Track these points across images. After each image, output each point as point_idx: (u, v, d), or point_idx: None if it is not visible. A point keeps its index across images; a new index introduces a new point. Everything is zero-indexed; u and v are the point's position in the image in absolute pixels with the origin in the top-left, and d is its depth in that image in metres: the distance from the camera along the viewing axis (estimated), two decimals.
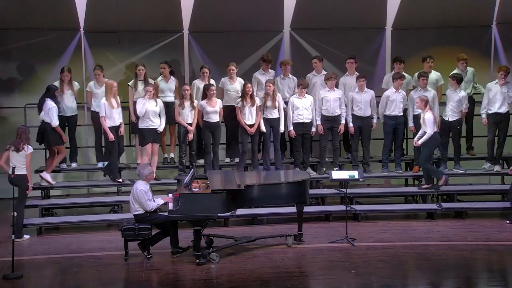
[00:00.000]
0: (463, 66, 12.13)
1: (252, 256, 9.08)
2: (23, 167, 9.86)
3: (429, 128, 10.93)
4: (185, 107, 11.39)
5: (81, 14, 12.56)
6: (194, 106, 11.43)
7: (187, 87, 11.42)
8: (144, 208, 8.93)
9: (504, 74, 11.63)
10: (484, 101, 11.83)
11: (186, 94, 11.36)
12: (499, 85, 11.68)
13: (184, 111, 11.40)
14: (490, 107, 11.77)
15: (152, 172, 9.36)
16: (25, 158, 9.89)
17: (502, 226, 10.51)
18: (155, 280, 8.34)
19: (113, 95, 11.21)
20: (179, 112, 11.42)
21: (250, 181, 9.36)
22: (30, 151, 9.96)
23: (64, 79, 11.57)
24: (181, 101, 11.42)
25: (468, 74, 12.13)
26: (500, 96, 11.67)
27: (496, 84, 11.74)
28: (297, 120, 11.65)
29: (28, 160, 9.91)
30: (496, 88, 11.72)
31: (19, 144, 9.88)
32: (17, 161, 9.79)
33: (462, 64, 12.11)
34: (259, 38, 13.14)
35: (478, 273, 8.67)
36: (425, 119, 10.97)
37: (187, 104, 11.39)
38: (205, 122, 11.51)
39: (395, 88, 11.74)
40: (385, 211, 11.23)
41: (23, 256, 9.03)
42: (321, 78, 12.03)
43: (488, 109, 11.77)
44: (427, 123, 10.94)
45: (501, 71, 11.68)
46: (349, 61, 12.10)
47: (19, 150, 9.87)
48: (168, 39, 13.05)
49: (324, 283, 8.28)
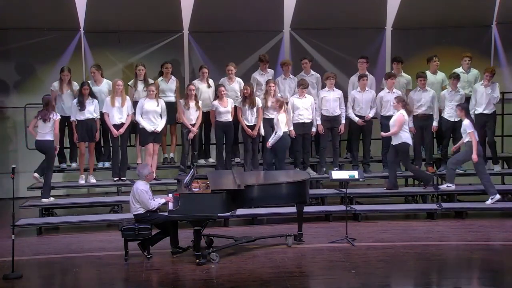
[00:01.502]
0: (466, 66, 12.13)
1: (252, 256, 9.07)
2: (51, 133, 10.80)
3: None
4: (190, 107, 11.41)
5: (81, 14, 12.55)
6: (199, 106, 11.45)
7: (192, 87, 11.43)
8: (146, 207, 8.92)
9: (489, 75, 11.62)
10: (472, 102, 11.83)
11: (191, 94, 11.37)
12: (483, 86, 11.68)
13: (189, 111, 11.41)
14: (476, 108, 11.78)
15: (151, 172, 9.37)
16: (53, 125, 10.80)
17: (502, 226, 10.51)
18: (155, 280, 8.34)
19: (117, 93, 11.23)
20: (184, 112, 11.43)
21: (250, 181, 9.35)
22: (57, 118, 10.88)
23: (64, 79, 11.57)
24: (186, 101, 11.43)
25: (469, 75, 12.12)
26: (486, 97, 11.67)
27: (482, 85, 11.74)
28: (297, 120, 11.66)
29: (56, 126, 10.83)
30: (481, 89, 11.73)
31: (46, 115, 10.77)
32: (44, 129, 10.81)
33: (465, 63, 12.10)
34: (259, 38, 13.13)
35: (478, 273, 8.66)
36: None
37: (192, 104, 11.40)
38: (218, 122, 11.56)
39: (388, 88, 11.75)
40: (385, 211, 11.23)
41: (23, 256, 9.02)
42: (310, 79, 12.04)
43: (475, 110, 11.78)
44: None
45: (486, 72, 11.68)
46: (360, 60, 12.08)
47: (45, 121, 10.77)
48: (168, 39, 13.05)
49: (324, 283, 8.28)
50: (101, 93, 11.61)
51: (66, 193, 12.51)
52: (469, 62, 12.15)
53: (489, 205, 10.97)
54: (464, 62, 12.15)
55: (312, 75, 12.19)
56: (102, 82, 11.74)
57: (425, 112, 11.79)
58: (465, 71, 12.11)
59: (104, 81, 11.79)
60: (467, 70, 12.14)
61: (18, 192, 11.36)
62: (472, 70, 12.24)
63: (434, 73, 12.15)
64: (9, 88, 12.84)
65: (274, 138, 11.07)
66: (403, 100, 11.19)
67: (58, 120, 10.89)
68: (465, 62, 12.14)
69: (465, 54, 12.16)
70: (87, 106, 11.27)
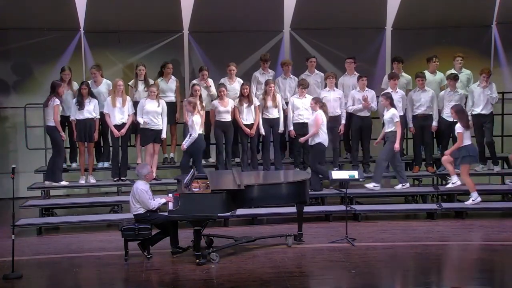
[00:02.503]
0: (458, 66, 12.14)
1: (252, 256, 9.07)
2: (52, 119, 11.00)
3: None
4: None
5: (81, 14, 12.56)
6: (203, 106, 11.45)
7: (197, 88, 11.42)
8: (146, 206, 8.92)
9: (486, 76, 11.63)
10: (469, 103, 11.83)
11: (196, 94, 11.37)
12: (481, 87, 11.68)
13: None
14: (474, 109, 11.79)
15: (151, 172, 9.34)
16: (53, 110, 10.94)
17: (502, 226, 10.50)
18: (155, 280, 8.34)
19: (118, 93, 11.24)
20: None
21: (250, 181, 9.35)
22: (55, 103, 10.94)
23: (65, 78, 11.57)
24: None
25: (461, 75, 12.09)
26: (483, 98, 11.68)
27: (478, 86, 11.74)
28: (297, 120, 11.67)
29: (55, 112, 10.95)
30: (478, 90, 11.73)
31: (48, 100, 11.02)
32: (47, 114, 11.07)
33: (458, 63, 12.11)
34: (259, 38, 13.14)
35: (478, 273, 8.65)
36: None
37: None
38: (217, 122, 11.56)
39: (391, 87, 11.75)
40: (385, 211, 11.23)
41: (23, 256, 9.02)
42: (314, 78, 12.06)
43: (473, 111, 11.79)
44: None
45: (483, 73, 11.68)
46: (348, 61, 12.13)
47: (47, 106, 11.01)
48: (168, 39, 13.06)
49: (324, 283, 8.27)
50: (100, 94, 11.60)
51: (66, 193, 12.51)
52: (462, 62, 12.15)
53: (399, 190, 11.42)
54: (457, 62, 12.15)
55: (316, 74, 12.20)
56: (101, 82, 11.73)
57: (425, 112, 11.80)
58: (457, 71, 12.09)
59: (104, 81, 11.79)
60: (459, 71, 12.13)
61: (18, 192, 11.36)
62: (464, 70, 12.22)
63: (433, 73, 12.15)
64: (9, 88, 12.85)
65: (189, 140, 10.89)
66: (320, 101, 11.18)
67: (57, 106, 10.98)
68: (457, 62, 12.14)
69: (457, 54, 12.16)
70: (86, 105, 11.27)
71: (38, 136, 12.41)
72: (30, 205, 11.02)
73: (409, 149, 12.56)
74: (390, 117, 11.08)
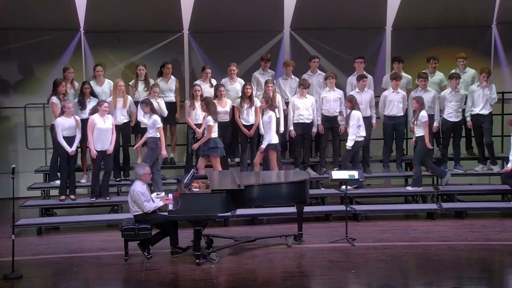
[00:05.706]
0: (461, 66, 12.13)
1: (252, 256, 9.07)
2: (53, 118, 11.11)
3: None
4: (196, 108, 11.40)
5: (81, 14, 12.55)
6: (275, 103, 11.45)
7: (198, 88, 11.42)
8: (141, 209, 8.92)
9: (486, 76, 11.63)
10: (468, 103, 11.83)
11: (197, 95, 11.36)
12: (481, 87, 11.68)
13: (195, 112, 11.40)
14: (473, 109, 11.78)
15: (147, 173, 9.29)
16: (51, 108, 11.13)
17: (502, 226, 10.50)
18: (155, 280, 8.33)
19: (118, 93, 11.23)
20: (189, 112, 11.42)
21: (250, 181, 9.35)
22: (52, 101, 11.07)
23: (69, 77, 11.55)
24: (192, 102, 11.43)
25: (466, 75, 12.11)
26: (483, 98, 11.67)
27: (478, 86, 11.74)
28: (298, 120, 11.67)
29: (53, 110, 11.08)
30: (478, 90, 11.72)
31: (48, 99, 11.24)
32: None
33: (460, 64, 12.11)
34: (259, 38, 13.13)
35: (478, 273, 8.66)
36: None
37: (197, 104, 11.39)
38: None
39: (393, 88, 11.75)
40: (385, 211, 11.23)
41: (23, 256, 9.03)
42: (317, 78, 12.06)
43: (472, 111, 11.78)
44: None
45: (483, 73, 11.68)
46: (357, 60, 12.09)
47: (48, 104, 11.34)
48: (168, 39, 13.05)
49: (324, 283, 8.28)
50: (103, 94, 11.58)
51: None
52: (464, 62, 12.15)
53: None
54: (459, 63, 12.15)
55: (319, 74, 12.18)
56: (104, 82, 11.73)
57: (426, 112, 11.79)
58: (460, 71, 12.09)
59: (106, 81, 11.78)
60: (463, 71, 12.13)
61: (18, 192, 11.38)
62: (468, 70, 12.22)
63: (432, 73, 12.14)
64: (9, 88, 12.84)
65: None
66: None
67: (53, 104, 11.05)
68: (460, 63, 12.14)
69: (458, 55, 12.15)
70: (88, 105, 11.26)
71: (38, 136, 12.43)
72: (30, 205, 11.02)
73: (409, 149, 12.55)
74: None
